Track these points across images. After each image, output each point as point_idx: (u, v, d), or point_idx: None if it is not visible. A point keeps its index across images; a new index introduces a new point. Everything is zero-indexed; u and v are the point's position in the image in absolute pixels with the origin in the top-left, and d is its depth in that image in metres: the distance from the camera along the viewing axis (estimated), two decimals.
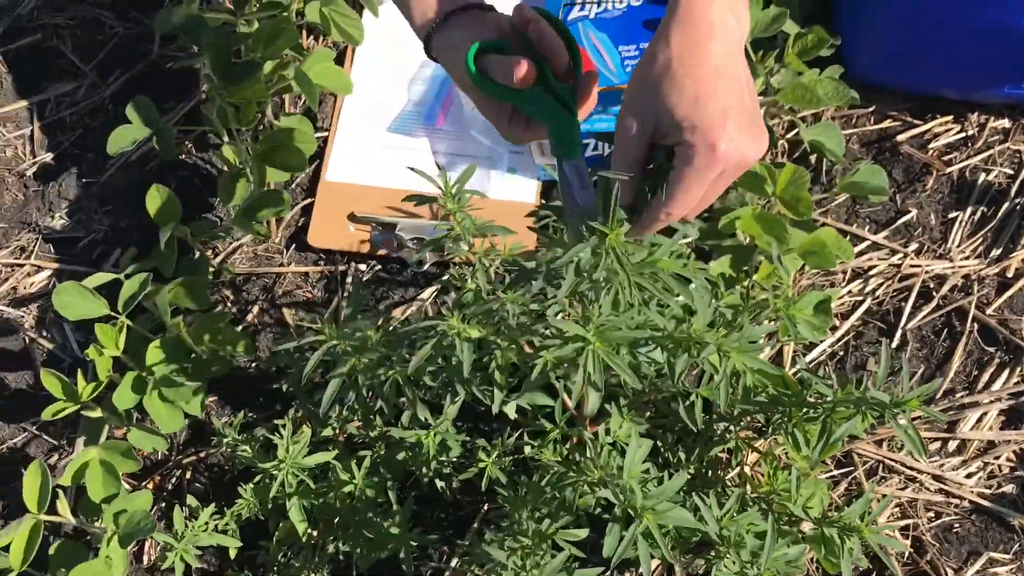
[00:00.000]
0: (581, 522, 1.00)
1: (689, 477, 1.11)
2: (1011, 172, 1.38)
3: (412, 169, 1.03)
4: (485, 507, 1.20)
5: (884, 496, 1.16)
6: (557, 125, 0.85)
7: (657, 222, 0.83)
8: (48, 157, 1.49)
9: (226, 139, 1.36)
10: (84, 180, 1.47)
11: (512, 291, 0.96)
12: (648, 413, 1.11)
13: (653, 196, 0.82)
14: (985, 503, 1.20)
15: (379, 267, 1.38)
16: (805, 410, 0.99)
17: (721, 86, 0.77)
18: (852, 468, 1.22)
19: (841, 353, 1.29)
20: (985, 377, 1.26)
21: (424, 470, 1.10)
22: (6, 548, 1.06)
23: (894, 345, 1.29)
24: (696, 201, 0.81)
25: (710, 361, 0.91)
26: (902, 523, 1.19)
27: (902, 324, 1.30)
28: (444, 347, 0.96)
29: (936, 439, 1.24)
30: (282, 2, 1.35)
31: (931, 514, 1.20)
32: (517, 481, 1.05)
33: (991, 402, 1.25)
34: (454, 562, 1.17)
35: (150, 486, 1.25)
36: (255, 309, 1.36)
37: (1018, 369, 1.26)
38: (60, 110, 1.53)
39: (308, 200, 1.42)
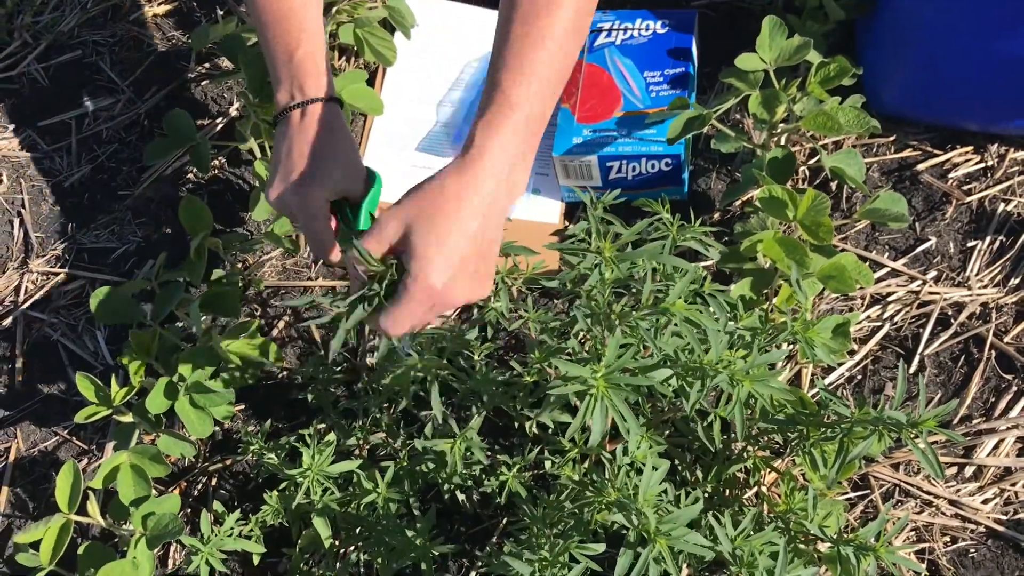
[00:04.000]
0: (598, 537, 1.02)
1: (706, 496, 1.13)
2: None
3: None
4: (504, 520, 1.22)
5: (900, 519, 1.17)
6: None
7: (381, 330, 0.93)
8: (85, 169, 1.53)
9: (259, 155, 1.39)
10: (119, 193, 1.51)
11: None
12: (667, 432, 1.13)
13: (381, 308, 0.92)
14: (1001, 529, 1.21)
15: None
16: (822, 430, 1.01)
17: (460, 241, 0.88)
18: (868, 491, 1.23)
19: (859, 377, 1.31)
20: (1002, 404, 1.28)
21: (447, 482, 1.12)
22: (36, 546, 1.08)
23: (912, 370, 1.30)
24: (407, 324, 0.91)
25: (724, 387, 0.94)
26: (918, 547, 1.20)
27: (920, 350, 1.31)
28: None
29: (953, 464, 1.25)
30: None
31: (947, 538, 1.21)
32: (537, 496, 1.06)
33: (1008, 429, 1.26)
34: (473, 574, 1.19)
35: (177, 491, 1.28)
36: (282, 322, 1.39)
37: None
38: (98, 124, 1.57)
39: None
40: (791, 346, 1.30)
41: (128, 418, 1.19)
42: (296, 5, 1.08)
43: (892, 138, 1.46)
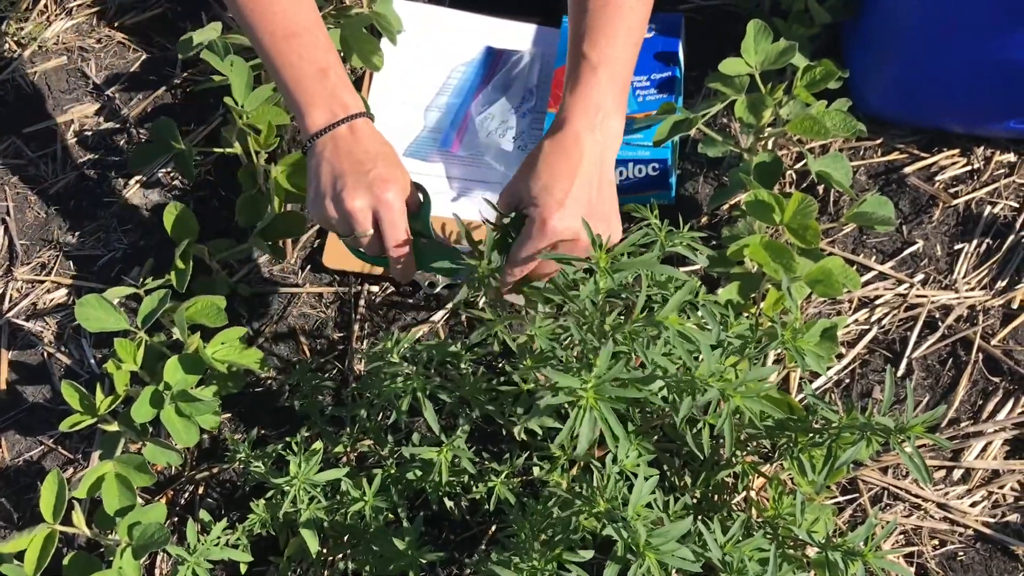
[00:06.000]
0: (587, 544, 1.01)
1: (695, 501, 1.13)
2: (1016, 205, 1.40)
3: (487, 201, 1.14)
4: (493, 527, 1.21)
5: (888, 523, 1.17)
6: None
7: (505, 278, 1.04)
8: (70, 176, 1.53)
9: (244, 161, 1.39)
10: (105, 199, 1.50)
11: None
12: (656, 437, 1.13)
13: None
14: (989, 532, 1.21)
15: (392, 289, 1.40)
16: (811, 435, 1.01)
17: (566, 182, 0.99)
18: (857, 495, 1.23)
19: (847, 381, 1.31)
20: (990, 407, 1.28)
21: (434, 489, 1.12)
22: (20, 556, 1.08)
23: (900, 374, 1.30)
24: (526, 263, 1.01)
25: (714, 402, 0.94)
26: (906, 550, 1.20)
27: (908, 353, 1.31)
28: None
29: (941, 467, 1.25)
30: None
31: (935, 542, 1.21)
32: (525, 502, 1.06)
33: (996, 431, 1.26)
34: None
35: (163, 500, 1.27)
36: (269, 328, 1.38)
37: (1023, 399, 1.28)
38: (83, 131, 1.56)
39: None
40: (779, 351, 1.30)
41: (114, 427, 1.18)
42: (312, 23, 1.09)
43: (879, 141, 1.46)
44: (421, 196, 1.13)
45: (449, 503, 1.16)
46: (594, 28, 1.02)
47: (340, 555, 1.17)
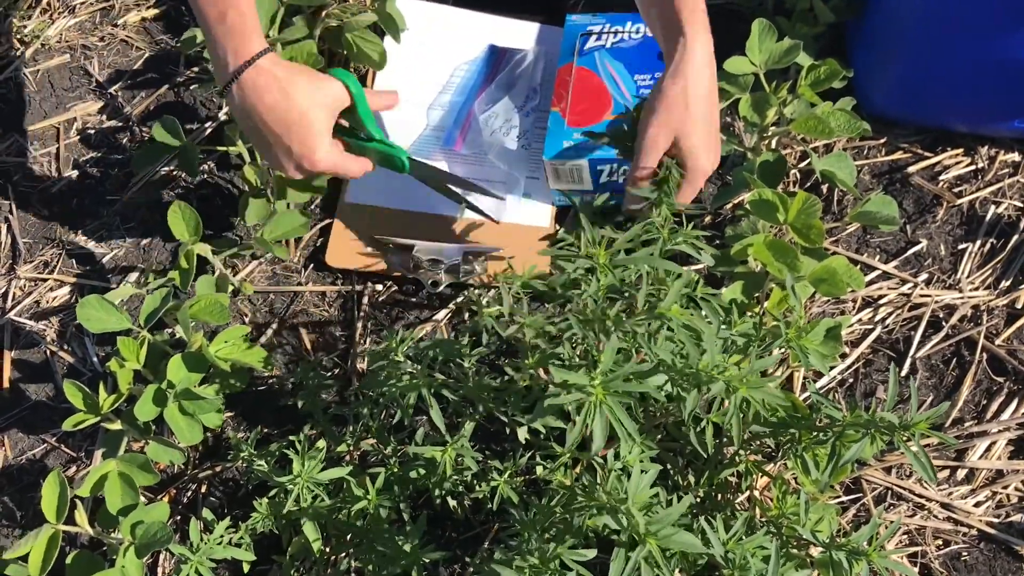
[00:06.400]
0: (590, 543, 1.01)
1: (698, 500, 1.13)
2: (1020, 205, 1.40)
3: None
4: (496, 526, 1.21)
5: (892, 522, 1.17)
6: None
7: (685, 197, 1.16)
8: (73, 175, 1.53)
9: (248, 159, 1.39)
10: (108, 198, 1.50)
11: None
12: (659, 436, 1.13)
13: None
14: (993, 532, 1.21)
15: (395, 288, 1.40)
16: (814, 434, 1.01)
17: (713, 132, 1.13)
18: (861, 495, 1.23)
19: (851, 380, 1.30)
20: (994, 407, 1.27)
21: (438, 488, 1.11)
22: (25, 558, 1.08)
23: (903, 373, 1.30)
24: (692, 198, 1.16)
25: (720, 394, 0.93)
26: (910, 550, 1.20)
27: (912, 353, 1.31)
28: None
29: (945, 467, 1.25)
30: (307, 28, 1.39)
31: (939, 542, 1.21)
32: (528, 501, 1.06)
33: (1000, 431, 1.26)
34: None
35: (166, 499, 1.27)
36: (272, 327, 1.38)
37: None
38: (86, 129, 1.56)
39: (327, 220, 1.44)
40: (783, 350, 1.30)
41: (116, 425, 1.18)
42: None
43: (883, 140, 1.46)
44: (350, 89, 1.18)
45: (452, 502, 1.16)
46: None
47: (343, 554, 1.17)
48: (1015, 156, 1.43)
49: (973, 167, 1.43)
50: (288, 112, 1.12)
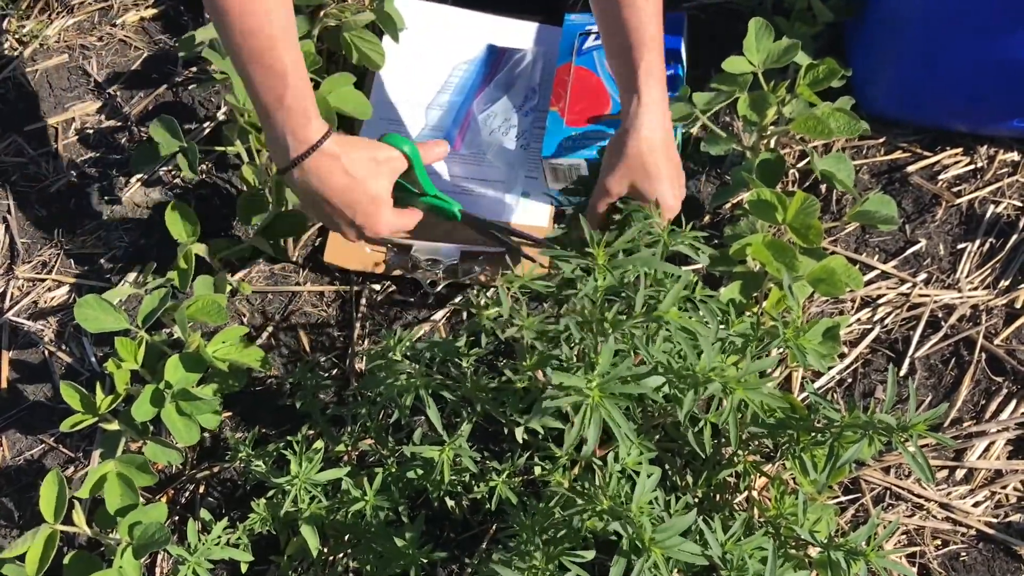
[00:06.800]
0: (589, 544, 1.01)
1: (697, 501, 1.12)
2: (1019, 204, 1.40)
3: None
4: (494, 527, 1.21)
5: (890, 522, 1.17)
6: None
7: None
8: (71, 175, 1.52)
9: (246, 159, 1.39)
10: (106, 198, 1.50)
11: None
12: (657, 436, 1.13)
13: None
14: (992, 532, 1.20)
15: (393, 288, 1.40)
16: (813, 434, 1.01)
17: (673, 171, 1.18)
18: (859, 495, 1.23)
19: (849, 380, 1.30)
20: (993, 406, 1.27)
21: (436, 489, 1.11)
22: (22, 557, 1.07)
23: (902, 374, 1.30)
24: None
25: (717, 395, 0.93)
26: (909, 550, 1.19)
27: (910, 353, 1.31)
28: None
29: (943, 467, 1.25)
30: (305, 27, 1.38)
31: (938, 542, 1.21)
32: (527, 502, 1.06)
33: (998, 431, 1.26)
34: None
35: (164, 499, 1.27)
36: (270, 327, 1.38)
37: None
38: (84, 129, 1.56)
39: None
40: (781, 350, 1.30)
41: (114, 426, 1.18)
42: (277, 32, 1.07)
43: (881, 140, 1.46)
44: (406, 153, 1.20)
45: (450, 502, 1.16)
46: (638, 16, 1.14)
47: (341, 554, 1.17)
48: (1014, 155, 1.43)
49: (972, 167, 1.43)
50: (353, 192, 1.15)
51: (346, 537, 1.16)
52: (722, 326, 1.04)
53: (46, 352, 1.39)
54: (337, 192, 1.14)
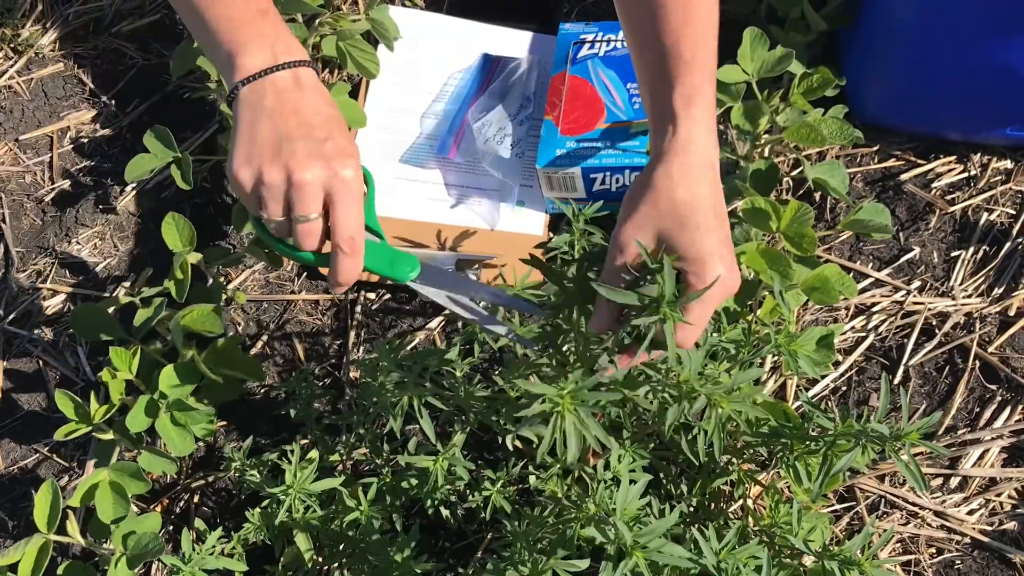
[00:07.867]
0: (582, 553, 1.01)
1: (691, 509, 1.12)
2: (1013, 212, 1.40)
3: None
4: (489, 536, 1.21)
5: (885, 531, 1.17)
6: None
7: (687, 334, 0.85)
8: (66, 184, 1.52)
9: None
10: (101, 207, 1.50)
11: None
12: (651, 444, 1.13)
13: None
14: (986, 540, 1.20)
15: (388, 296, 1.40)
16: (806, 443, 1.01)
17: (722, 227, 0.84)
18: (854, 503, 1.23)
19: (844, 388, 1.30)
20: (987, 414, 1.27)
21: (430, 498, 1.11)
22: (14, 568, 1.07)
23: (896, 381, 1.30)
24: (707, 319, 0.85)
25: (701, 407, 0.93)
26: (904, 558, 1.19)
27: (904, 360, 1.31)
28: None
29: (938, 475, 1.25)
30: (300, 36, 1.39)
31: (932, 550, 1.21)
32: (520, 511, 1.06)
33: (993, 439, 1.26)
34: None
35: (158, 509, 1.27)
36: (265, 336, 1.38)
37: (1020, 407, 1.27)
38: (79, 138, 1.56)
39: None
40: (775, 358, 1.30)
41: (109, 435, 1.18)
42: None
43: (875, 148, 1.46)
44: (366, 176, 0.93)
45: (445, 512, 1.16)
46: (687, 30, 0.87)
47: (335, 564, 1.17)
48: (1007, 163, 1.43)
49: (966, 174, 1.43)
50: (335, 119, 0.90)
51: (341, 547, 1.15)
52: (715, 333, 1.04)
53: (41, 361, 1.39)
54: (318, 110, 0.88)
